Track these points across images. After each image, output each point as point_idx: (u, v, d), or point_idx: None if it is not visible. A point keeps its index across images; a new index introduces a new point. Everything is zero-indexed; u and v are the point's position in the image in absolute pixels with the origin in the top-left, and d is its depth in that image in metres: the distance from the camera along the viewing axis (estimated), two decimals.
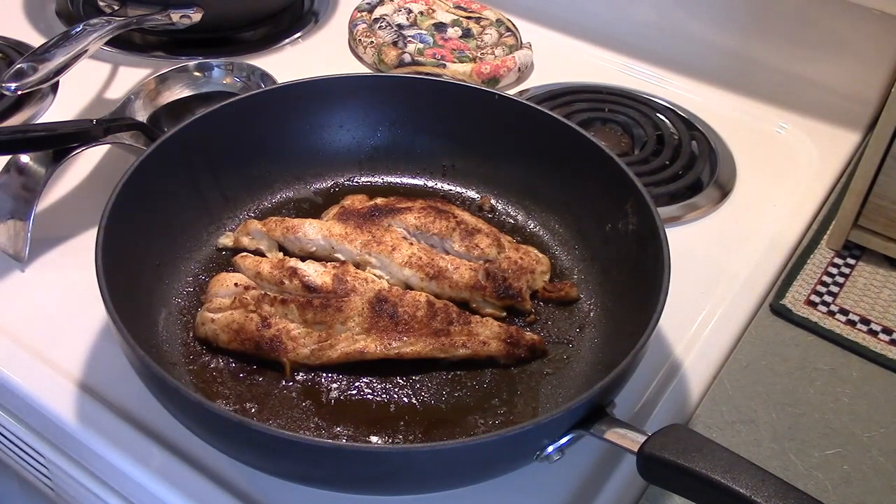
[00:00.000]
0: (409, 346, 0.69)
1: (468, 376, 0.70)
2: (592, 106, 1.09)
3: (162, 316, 0.72)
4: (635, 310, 0.68)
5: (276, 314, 0.70)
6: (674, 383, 0.74)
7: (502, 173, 0.88)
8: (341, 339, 0.69)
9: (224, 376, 0.68)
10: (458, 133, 0.88)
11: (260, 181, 0.86)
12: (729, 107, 1.12)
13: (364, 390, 0.68)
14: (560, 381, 0.70)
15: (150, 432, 0.67)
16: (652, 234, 0.69)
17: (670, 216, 0.91)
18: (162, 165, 0.74)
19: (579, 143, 0.80)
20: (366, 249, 0.77)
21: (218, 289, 0.72)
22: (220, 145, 0.81)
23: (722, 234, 0.91)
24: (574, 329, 0.75)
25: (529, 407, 0.68)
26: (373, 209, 0.81)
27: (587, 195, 0.81)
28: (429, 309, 0.71)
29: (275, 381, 0.68)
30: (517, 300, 0.75)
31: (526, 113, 0.84)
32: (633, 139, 1.05)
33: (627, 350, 0.60)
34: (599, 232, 0.79)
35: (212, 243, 0.80)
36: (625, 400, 0.68)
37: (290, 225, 0.79)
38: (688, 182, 0.97)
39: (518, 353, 0.71)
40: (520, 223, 0.86)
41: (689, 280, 0.82)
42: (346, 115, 0.88)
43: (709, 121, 1.08)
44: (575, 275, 0.80)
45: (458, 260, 0.77)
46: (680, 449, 0.54)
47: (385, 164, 0.91)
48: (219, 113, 0.80)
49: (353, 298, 0.71)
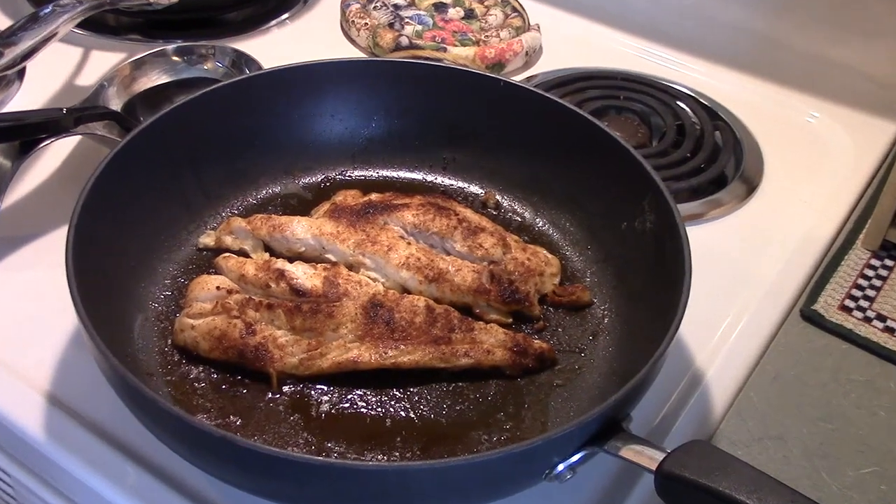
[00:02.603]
0: (407, 355, 0.69)
1: (471, 388, 0.70)
2: (606, 93, 1.09)
3: (138, 322, 0.72)
4: (653, 315, 0.68)
5: (261, 320, 0.70)
6: (695, 396, 0.74)
7: (508, 167, 0.88)
8: (332, 347, 0.69)
9: (205, 388, 0.68)
10: (459, 123, 0.88)
11: (244, 176, 0.86)
12: (755, 94, 1.12)
13: (357, 403, 0.68)
14: (571, 393, 0.70)
15: (125, 448, 0.66)
16: (671, 232, 0.69)
17: (691, 213, 0.91)
18: (138, 158, 0.74)
19: (592, 134, 0.80)
20: (359, 250, 0.77)
21: (198, 292, 0.72)
22: (201, 136, 0.81)
23: (748, 233, 0.91)
24: (586, 336, 0.75)
25: (538, 421, 0.68)
26: (367, 206, 0.81)
27: (601, 191, 0.81)
28: (428, 315, 0.71)
29: (260, 394, 0.68)
30: (524, 305, 0.75)
31: (534, 101, 0.84)
32: (650, 129, 1.05)
33: (645, 359, 0.60)
34: (614, 231, 0.79)
35: (192, 243, 0.80)
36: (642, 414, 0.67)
37: (277, 223, 0.79)
38: (711, 176, 0.97)
39: (525, 362, 0.71)
40: (527, 221, 0.86)
41: (711, 283, 0.82)
42: (338, 104, 0.88)
43: (734, 109, 1.08)
44: (587, 277, 0.80)
45: (459, 261, 0.77)
46: (702, 467, 0.54)
47: (380, 157, 0.91)
48: (200, 101, 0.80)
49: (346, 303, 0.71)
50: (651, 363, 0.59)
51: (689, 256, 0.67)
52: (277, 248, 0.79)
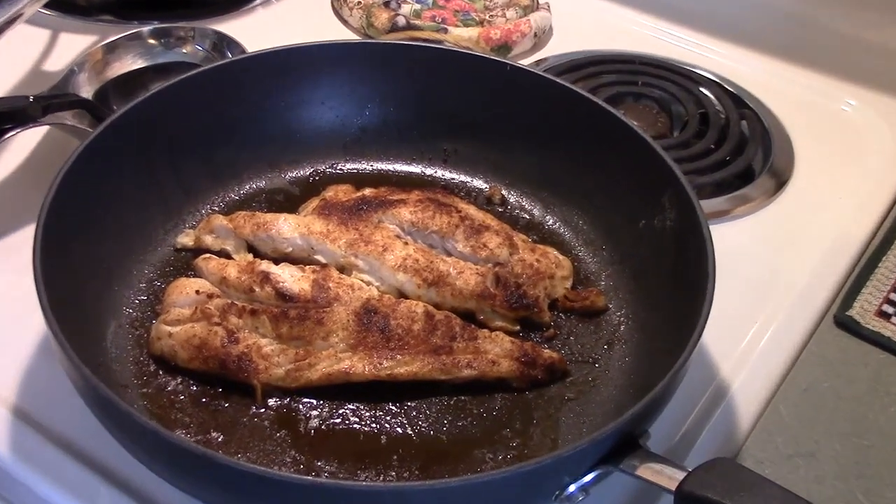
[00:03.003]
0: (404, 365, 0.69)
1: (474, 402, 0.70)
2: (623, 79, 1.09)
3: (111, 329, 0.72)
4: (673, 322, 0.68)
5: (244, 327, 0.70)
6: (719, 410, 0.74)
7: (515, 159, 0.88)
8: (322, 357, 0.69)
9: (184, 401, 0.68)
10: (462, 111, 0.88)
11: (226, 169, 0.86)
12: (786, 80, 1.12)
13: (350, 418, 0.68)
14: (584, 407, 0.70)
15: (97, 466, 0.67)
16: (693, 231, 0.70)
17: (716, 210, 0.92)
18: (111, 151, 0.75)
19: (607, 123, 0.81)
20: (352, 250, 0.77)
21: (176, 297, 0.73)
22: (180, 126, 0.82)
23: (777, 232, 0.92)
24: (601, 345, 0.75)
25: (547, 438, 0.68)
26: (360, 202, 0.81)
27: (616, 186, 0.82)
28: (427, 322, 0.71)
29: (244, 408, 0.68)
30: (533, 311, 0.76)
31: (543, 87, 0.85)
32: (671, 118, 1.05)
33: (664, 370, 0.60)
34: (631, 229, 0.79)
35: (169, 243, 0.81)
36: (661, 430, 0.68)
37: (262, 221, 0.79)
38: (737, 170, 0.97)
39: (534, 374, 0.71)
40: (536, 219, 0.87)
41: (737, 287, 0.82)
42: (328, 91, 0.88)
43: (762, 97, 1.08)
44: (602, 281, 0.81)
45: (461, 263, 0.77)
46: (726, 487, 0.54)
47: (375, 149, 0.91)
48: (178, 88, 0.80)
49: (337, 309, 0.71)
50: (671, 374, 0.60)
51: (712, 258, 0.67)
52: (262, 248, 0.80)
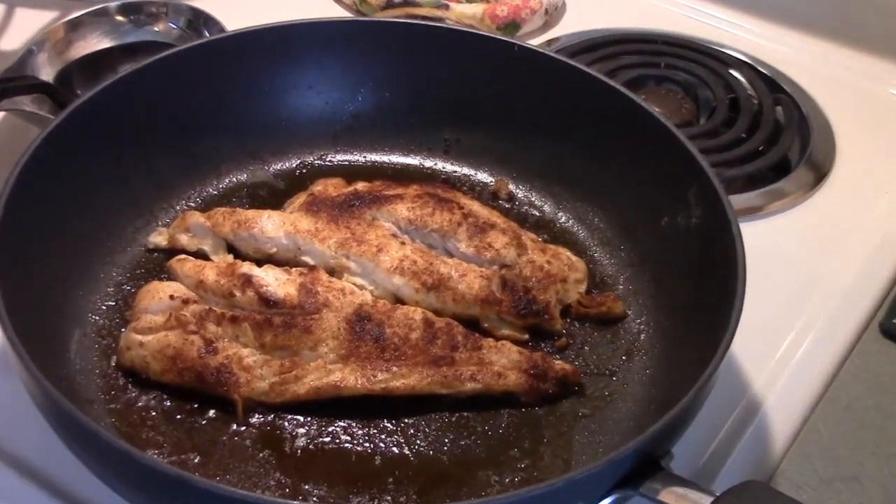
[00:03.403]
0: (400, 378, 0.69)
1: (478, 419, 0.70)
2: (644, 60, 1.09)
3: (75, 338, 0.72)
4: (699, 331, 0.68)
5: (224, 336, 0.71)
6: (751, 428, 0.74)
7: (524, 150, 0.89)
8: (310, 369, 0.69)
9: (156, 418, 0.69)
10: (464, 97, 0.89)
11: (203, 161, 0.87)
12: (827, 61, 1.12)
13: (341, 437, 0.69)
14: (600, 424, 0.71)
15: (59, 491, 0.67)
16: (722, 230, 0.70)
17: (747, 206, 0.92)
18: (74, 141, 0.75)
19: (626, 110, 0.81)
20: (343, 251, 0.78)
21: (148, 303, 0.73)
22: (151, 114, 0.82)
23: (816, 231, 0.92)
24: (618, 356, 0.76)
25: (559, 459, 0.68)
26: (352, 197, 0.81)
27: (636, 179, 0.82)
28: (426, 330, 0.72)
29: (223, 425, 0.68)
30: (543, 318, 0.76)
31: (555, 70, 0.85)
32: (697, 104, 1.05)
33: (689, 384, 0.60)
34: (652, 228, 0.80)
35: (140, 242, 0.81)
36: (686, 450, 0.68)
37: (243, 218, 0.80)
38: (771, 161, 0.98)
39: (544, 387, 0.71)
40: (547, 216, 0.87)
41: (771, 291, 0.82)
42: (316, 74, 0.89)
43: (799, 80, 1.09)
44: (620, 284, 0.81)
45: (464, 265, 0.78)
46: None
47: (368, 138, 0.91)
48: (149, 71, 0.81)
49: (326, 316, 0.71)
50: (697, 388, 0.60)
51: (743, 259, 0.67)
52: (243, 248, 0.80)
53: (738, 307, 0.64)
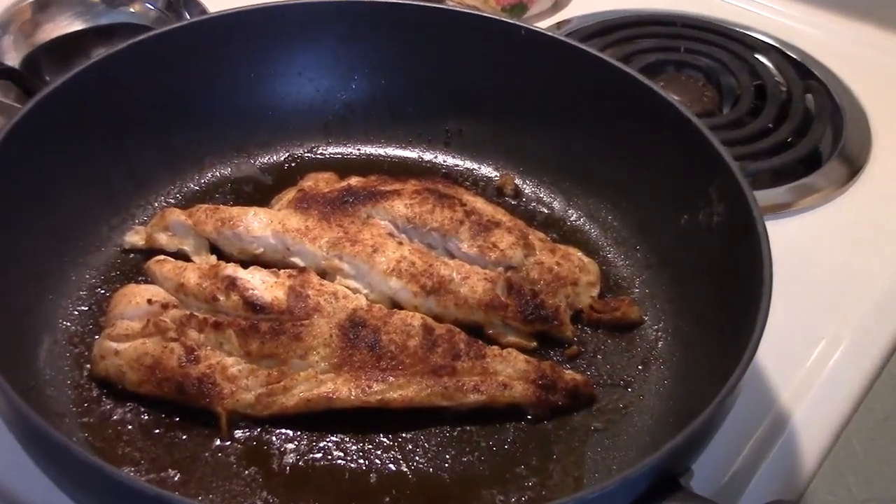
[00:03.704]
0: (398, 389, 0.70)
1: (482, 433, 0.71)
2: (662, 44, 1.09)
3: (44, 346, 0.73)
4: (722, 338, 0.68)
5: (206, 344, 0.71)
6: (778, 444, 0.75)
7: (531, 142, 0.89)
8: (300, 379, 0.70)
9: (133, 432, 0.69)
10: (467, 84, 0.89)
11: (183, 153, 0.87)
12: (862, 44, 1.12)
13: (333, 453, 0.69)
14: (614, 440, 0.71)
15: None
16: (746, 228, 0.70)
17: (775, 203, 0.92)
18: (43, 131, 0.75)
19: (642, 99, 0.81)
20: (335, 251, 0.78)
21: (124, 307, 0.73)
22: (127, 102, 0.82)
23: (850, 229, 0.92)
24: (634, 366, 0.76)
25: (570, 477, 0.69)
26: (345, 193, 0.82)
27: (654, 174, 0.82)
28: (425, 337, 0.72)
29: (205, 440, 0.69)
30: (552, 324, 0.76)
31: (565, 55, 0.85)
32: (720, 92, 1.05)
33: (710, 396, 0.60)
34: (671, 226, 0.80)
35: (116, 242, 0.82)
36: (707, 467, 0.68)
37: (227, 216, 0.80)
38: (800, 153, 0.98)
39: (554, 399, 0.72)
40: (557, 213, 0.87)
41: (800, 295, 0.82)
42: (306, 59, 0.89)
43: (831, 65, 1.09)
44: (636, 287, 0.81)
45: (467, 266, 0.78)
46: None
47: (362, 129, 0.92)
48: (125, 56, 0.81)
49: (317, 322, 0.72)
50: (718, 401, 0.60)
51: (769, 260, 0.67)
52: (227, 248, 0.80)
53: (763, 312, 0.64)
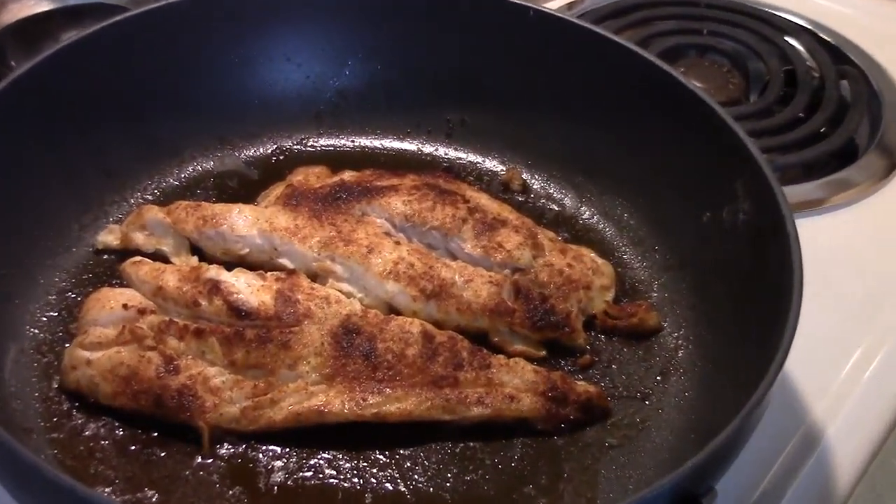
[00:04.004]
0: (395, 402, 0.70)
1: (487, 450, 0.71)
2: (683, 26, 1.09)
3: (10, 355, 0.73)
4: (747, 346, 0.68)
5: (187, 352, 0.71)
6: (809, 463, 0.75)
7: (540, 133, 0.89)
8: (289, 391, 0.70)
9: (107, 449, 0.69)
10: (471, 70, 0.89)
11: (161, 145, 0.87)
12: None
13: (325, 471, 0.69)
14: (630, 457, 0.71)
15: None
16: (774, 227, 0.70)
17: (806, 199, 0.93)
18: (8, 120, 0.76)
19: (661, 86, 0.81)
20: (327, 252, 0.78)
21: (97, 313, 0.73)
22: (99, 89, 0.82)
23: (888, 228, 0.92)
24: (652, 377, 0.76)
25: (582, 497, 0.69)
26: (338, 189, 0.82)
27: (674, 168, 0.82)
28: (425, 345, 0.72)
29: (186, 458, 0.69)
30: (563, 331, 0.76)
31: (577, 38, 0.85)
32: (747, 78, 1.05)
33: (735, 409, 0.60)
34: (693, 225, 0.80)
35: (87, 242, 0.82)
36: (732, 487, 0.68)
37: (210, 214, 0.80)
38: (834, 145, 0.98)
39: (565, 413, 0.72)
40: (568, 211, 0.88)
41: (833, 300, 0.82)
42: (296, 42, 0.89)
43: (869, 48, 1.09)
44: (654, 291, 0.81)
45: (470, 268, 0.78)
46: None
47: (357, 119, 0.92)
48: (97, 39, 0.81)
49: (308, 328, 0.72)
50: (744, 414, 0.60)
51: (799, 262, 0.67)
52: (210, 248, 0.81)
53: (793, 319, 0.64)
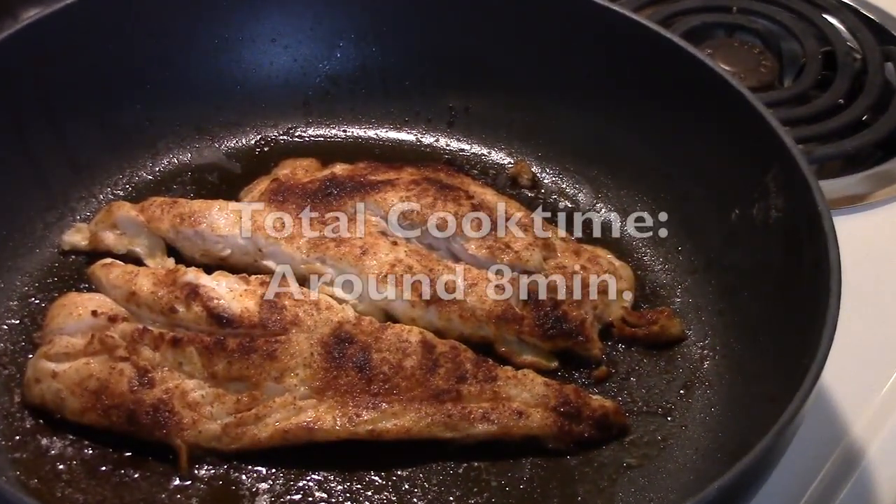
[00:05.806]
0: (392, 418, 0.70)
1: (493, 471, 0.71)
2: (709, 3, 1.10)
3: None
4: (779, 358, 0.69)
5: (162, 364, 0.71)
6: (849, 485, 0.75)
7: (551, 121, 0.90)
8: (275, 406, 0.70)
9: (75, 470, 0.69)
10: (475, 53, 0.90)
11: (132, 135, 0.88)
12: None
13: (315, 494, 0.69)
14: (650, 478, 0.71)
15: None
16: (810, 225, 0.71)
17: (845, 194, 0.93)
18: None
19: (686, 69, 0.82)
20: (317, 253, 0.79)
21: (63, 320, 0.74)
22: (64, 73, 0.83)
23: None
24: (675, 390, 0.77)
25: None
26: (328, 184, 0.82)
27: (700, 160, 0.83)
28: (425, 355, 0.72)
29: (162, 479, 0.69)
30: (577, 340, 0.77)
31: (593, 17, 0.86)
32: (780, 61, 1.06)
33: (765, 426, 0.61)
34: (720, 223, 0.81)
35: (52, 242, 0.82)
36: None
37: (187, 211, 0.80)
38: (878, 135, 0.98)
39: (578, 430, 0.72)
40: (583, 207, 0.88)
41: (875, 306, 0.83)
42: (281, 21, 0.90)
43: None
44: (677, 296, 0.82)
45: (475, 271, 0.78)
46: None
47: (349, 107, 0.93)
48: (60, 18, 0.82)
49: (296, 337, 0.72)
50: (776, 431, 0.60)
51: (837, 264, 0.68)
52: (188, 250, 0.81)
53: (830, 327, 0.64)
